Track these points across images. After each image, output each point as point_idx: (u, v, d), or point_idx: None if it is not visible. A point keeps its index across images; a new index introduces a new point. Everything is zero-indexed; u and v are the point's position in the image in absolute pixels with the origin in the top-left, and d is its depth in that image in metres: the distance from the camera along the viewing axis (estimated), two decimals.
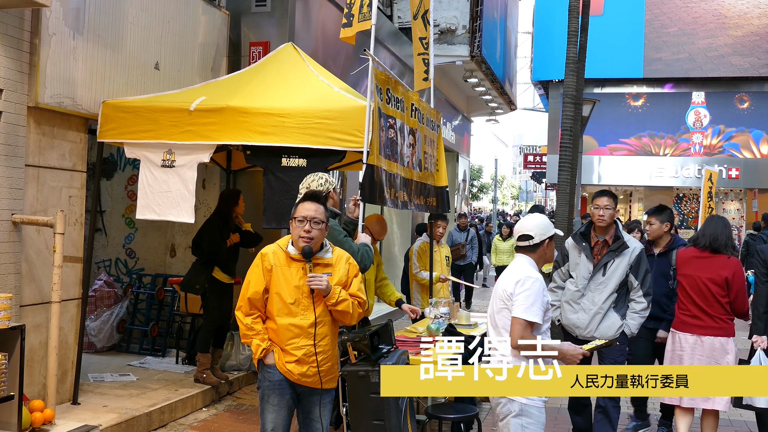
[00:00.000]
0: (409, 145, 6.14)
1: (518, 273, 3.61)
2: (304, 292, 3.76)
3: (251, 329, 3.80)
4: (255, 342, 3.80)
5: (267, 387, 3.86)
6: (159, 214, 5.63)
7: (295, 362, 3.78)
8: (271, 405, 3.85)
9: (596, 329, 5.15)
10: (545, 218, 3.80)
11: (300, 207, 3.81)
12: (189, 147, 5.57)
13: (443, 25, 12.89)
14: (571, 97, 10.64)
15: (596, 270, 5.19)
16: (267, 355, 3.80)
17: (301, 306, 3.76)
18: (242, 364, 7.18)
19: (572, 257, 5.34)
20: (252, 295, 3.78)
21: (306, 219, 3.74)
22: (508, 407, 3.51)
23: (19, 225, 5.24)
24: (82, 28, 5.69)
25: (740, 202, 23.31)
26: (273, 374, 3.82)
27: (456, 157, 17.62)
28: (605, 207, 5.22)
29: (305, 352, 3.77)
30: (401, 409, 4.23)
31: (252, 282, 3.80)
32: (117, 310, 7.81)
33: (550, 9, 22.17)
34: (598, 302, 5.16)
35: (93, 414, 5.49)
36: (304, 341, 3.77)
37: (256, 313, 3.81)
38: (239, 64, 7.81)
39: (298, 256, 3.78)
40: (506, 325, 3.56)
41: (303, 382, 3.84)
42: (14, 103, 5.17)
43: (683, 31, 22.31)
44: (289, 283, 3.77)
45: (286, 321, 3.76)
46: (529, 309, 3.48)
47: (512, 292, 3.55)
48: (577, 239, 5.33)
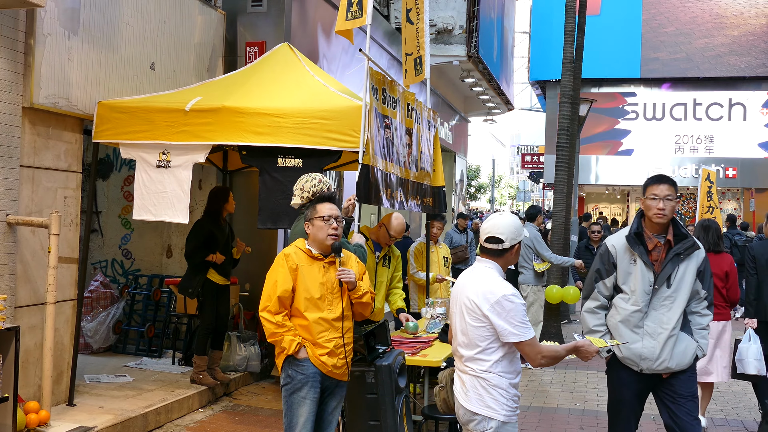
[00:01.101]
0: (406, 144, 6.13)
1: (492, 291, 3.26)
2: (328, 287, 3.93)
3: (282, 326, 3.88)
4: (287, 338, 3.87)
5: (300, 380, 3.90)
6: (155, 215, 5.62)
7: (327, 354, 3.91)
8: (303, 398, 3.91)
9: (670, 358, 4.01)
10: (517, 220, 3.44)
11: (321, 207, 3.97)
12: (185, 147, 5.55)
13: (440, 25, 12.88)
14: (568, 97, 10.65)
15: (659, 281, 4.01)
16: (300, 350, 3.89)
17: (327, 301, 3.93)
18: (238, 365, 7.17)
19: (623, 266, 4.10)
20: (282, 293, 3.87)
21: (332, 217, 3.94)
22: (483, 425, 3.30)
23: (14, 226, 5.23)
24: (77, 29, 5.67)
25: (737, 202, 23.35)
26: (307, 367, 3.90)
27: (453, 157, 17.61)
28: (666, 197, 4.02)
29: (335, 344, 3.93)
30: (397, 410, 4.22)
31: (280, 281, 3.88)
32: (113, 311, 7.79)
33: (547, 9, 22.19)
34: (669, 323, 4.02)
35: (89, 415, 5.48)
36: (333, 334, 3.93)
37: (284, 311, 3.91)
38: (235, 65, 7.80)
39: (318, 255, 3.96)
40: (485, 344, 3.28)
41: (333, 374, 3.96)
42: (9, 104, 5.15)
43: (680, 31, 22.33)
44: (314, 280, 3.91)
45: (315, 315, 3.90)
46: (525, 327, 3.23)
47: (488, 315, 3.23)
48: (631, 241, 4.08)
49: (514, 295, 3.27)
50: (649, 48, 22.30)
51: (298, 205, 4.52)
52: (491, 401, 3.29)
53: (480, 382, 3.31)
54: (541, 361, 3.28)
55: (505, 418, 3.30)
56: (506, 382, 3.31)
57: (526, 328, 3.24)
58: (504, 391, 3.29)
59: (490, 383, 3.29)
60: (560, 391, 7.57)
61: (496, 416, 3.29)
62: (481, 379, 3.30)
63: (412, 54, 6.96)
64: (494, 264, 3.38)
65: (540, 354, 3.27)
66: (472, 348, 3.32)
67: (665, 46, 22.27)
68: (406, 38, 6.94)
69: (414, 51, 6.98)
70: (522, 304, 3.28)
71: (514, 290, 3.32)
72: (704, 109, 22.41)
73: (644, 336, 4.04)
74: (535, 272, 9.02)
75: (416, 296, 7.97)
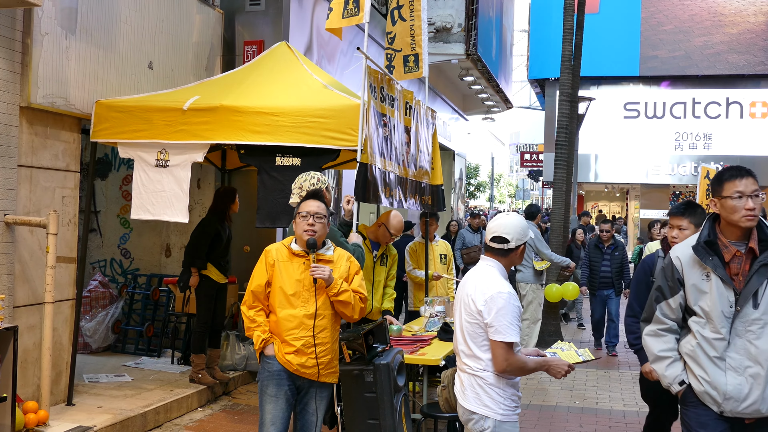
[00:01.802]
0: (404, 143, 6.12)
1: (488, 287, 3.27)
2: (304, 285, 3.89)
3: (254, 321, 3.94)
4: (256, 333, 3.92)
5: (266, 377, 3.93)
6: (153, 214, 5.61)
7: (294, 353, 3.86)
8: (269, 396, 3.92)
9: (762, 400, 3.11)
10: (524, 220, 3.44)
11: (303, 204, 3.99)
12: (183, 146, 5.55)
13: (439, 24, 12.87)
14: (567, 95, 10.64)
15: (742, 300, 3.12)
16: (267, 346, 3.91)
17: (302, 298, 3.88)
18: (237, 364, 7.16)
19: (692, 281, 3.23)
20: (255, 288, 3.93)
21: (309, 214, 3.90)
22: (481, 424, 3.29)
23: (12, 225, 5.22)
24: (74, 28, 5.66)
25: None
26: (272, 365, 3.91)
27: (452, 155, 17.61)
28: (753, 194, 3.11)
29: (304, 343, 3.86)
30: (396, 408, 4.22)
31: (256, 276, 3.96)
32: (112, 311, 7.79)
33: (546, 7, 22.19)
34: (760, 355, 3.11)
35: (88, 415, 5.47)
36: (303, 332, 3.87)
37: (259, 306, 3.95)
38: (233, 63, 7.80)
39: (300, 252, 3.93)
40: (479, 341, 3.29)
41: (302, 374, 3.90)
42: (6, 104, 5.14)
43: (679, 29, 22.33)
44: (291, 276, 3.90)
45: (286, 312, 3.88)
46: (508, 329, 3.19)
47: (482, 310, 3.24)
48: (701, 252, 3.19)
49: (510, 294, 3.24)
50: (648, 46, 22.29)
51: (296, 204, 4.51)
52: (488, 400, 3.28)
53: (477, 380, 3.31)
54: (504, 367, 3.23)
55: (502, 417, 3.28)
56: (503, 381, 3.29)
57: (511, 331, 3.19)
58: (501, 390, 3.28)
59: (487, 382, 3.28)
60: (559, 390, 7.57)
61: (492, 415, 3.27)
62: (478, 377, 3.30)
63: (402, 50, 6.96)
64: (497, 263, 3.38)
65: (507, 361, 3.21)
66: (468, 344, 3.33)
67: (664, 44, 22.27)
68: (396, 34, 6.95)
69: (406, 48, 6.97)
70: (517, 307, 3.25)
71: (512, 290, 3.29)
72: (703, 107, 22.40)
73: (727, 370, 3.15)
74: (534, 270, 9.01)
75: (413, 294, 7.97)
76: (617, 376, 8.30)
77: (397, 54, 6.94)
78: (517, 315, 3.24)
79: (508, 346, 3.20)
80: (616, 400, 7.20)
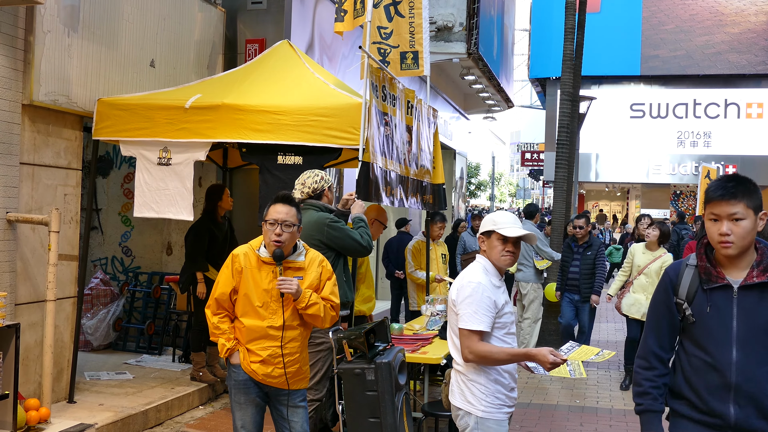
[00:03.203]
0: (406, 142, 6.13)
1: (462, 278, 3.32)
2: (272, 295, 3.73)
3: (218, 328, 3.82)
4: (220, 341, 3.81)
5: (233, 386, 3.87)
6: (157, 212, 5.61)
7: (260, 362, 3.77)
8: (237, 403, 3.88)
9: None
10: (513, 216, 3.41)
11: (271, 209, 3.74)
12: (185, 145, 5.55)
13: (440, 23, 12.87)
14: (568, 95, 10.65)
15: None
16: (232, 355, 3.82)
17: (270, 309, 3.74)
18: None
19: None
20: (219, 296, 3.79)
21: (277, 222, 3.68)
22: (465, 420, 3.28)
23: (14, 223, 5.23)
24: (76, 26, 5.67)
25: None
26: (238, 374, 3.83)
27: (453, 154, 17.60)
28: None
29: (271, 353, 3.76)
30: (397, 407, 4.22)
31: (221, 283, 3.80)
32: (113, 309, 7.79)
33: (547, 6, 22.19)
34: None
35: (89, 412, 5.48)
36: (270, 343, 3.75)
37: (223, 312, 3.82)
38: (235, 62, 7.79)
39: (269, 260, 3.74)
40: (458, 332, 3.29)
41: (268, 383, 3.83)
42: (8, 101, 5.15)
43: (680, 29, 22.32)
44: (258, 286, 3.74)
45: (252, 323, 3.75)
46: (471, 318, 3.16)
47: (455, 299, 3.27)
48: None
49: (480, 284, 3.21)
50: (649, 45, 22.29)
51: (298, 200, 4.51)
52: (470, 396, 3.26)
53: (460, 376, 3.30)
54: (466, 355, 3.19)
55: (484, 413, 3.23)
56: (485, 377, 3.23)
57: (474, 319, 3.15)
58: (482, 386, 3.24)
59: (468, 378, 3.27)
60: (560, 389, 7.58)
61: (474, 411, 3.24)
62: (461, 374, 3.29)
63: (399, 47, 6.95)
64: (485, 259, 3.35)
65: (469, 348, 3.17)
66: (453, 340, 3.32)
67: (665, 43, 22.27)
68: (392, 30, 6.93)
69: (404, 44, 6.96)
70: (487, 297, 3.18)
71: (484, 281, 3.23)
72: (703, 107, 22.40)
73: None
74: (535, 269, 9.01)
75: (415, 294, 7.97)
76: (617, 376, 8.30)
77: (394, 50, 6.93)
78: (486, 305, 3.18)
79: (471, 333, 3.16)
80: (617, 399, 7.21)
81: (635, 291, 7.55)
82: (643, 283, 7.49)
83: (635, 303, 7.51)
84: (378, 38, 6.99)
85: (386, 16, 6.94)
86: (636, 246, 7.78)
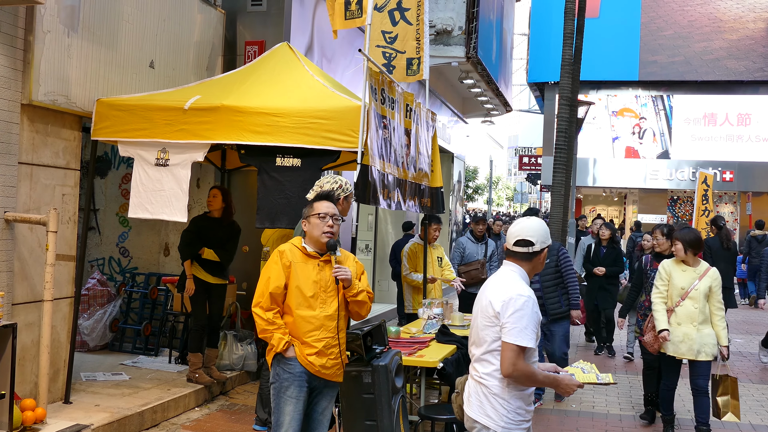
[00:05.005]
0: (404, 145, 6.14)
1: (508, 290, 3.16)
2: (321, 286, 3.91)
3: (273, 323, 3.88)
4: (277, 336, 3.87)
5: (287, 379, 3.91)
6: (152, 213, 5.62)
7: (315, 354, 3.88)
8: (290, 397, 3.91)
9: None
10: (545, 224, 3.34)
11: (317, 205, 3.97)
12: (183, 146, 5.56)
13: (439, 26, 12.88)
14: (566, 99, 10.66)
15: None
16: (289, 348, 3.89)
17: (320, 299, 3.91)
18: (235, 364, 7.16)
19: None
20: (274, 290, 3.87)
21: (327, 215, 3.92)
22: None
23: (12, 223, 5.22)
24: (76, 26, 5.67)
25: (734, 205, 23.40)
26: (294, 366, 3.90)
27: (451, 158, 17.62)
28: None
29: (325, 344, 3.89)
30: (394, 410, 4.23)
31: (273, 278, 3.89)
32: (110, 309, 7.78)
33: (547, 11, 22.24)
34: None
35: (85, 413, 5.47)
36: (324, 333, 3.90)
37: (276, 308, 3.90)
38: (234, 63, 7.80)
39: (314, 253, 3.94)
40: (492, 344, 3.16)
41: (322, 374, 3.93)
42: (8, 101, 5.15)
43: (679, 34, 22.39)
44: (308, 277, 3.90)
45: (306, 313, 3.88)
46: (521, 333, 3.06)
47: (499, 312, 3.12)
48: None
49: (530, 299, 3.12)
50: (647, 51, 22.35)
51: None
52: (491, 410, 3.15)
53: (482, 388, 3.19)
54: (511, 371, 3.07)
55: (504, 430, 3.13)
56: (509, 392, 3.14)
57: (524, 335, 3.06)
58: (505, 402, 3.14)
59: (492, 391, 3.15)
60: (555, 393, 7.58)
61: (493, 426, 3.14)
62: (484, 386, 3.18)
63: (405, 53, 6.98)
64: (519, 268, 3.26)
65: (515, 365, 3.06)
66: (479, 346, 3.22)
67: (663, 49, 22.33)
68: (397, 35, 6.96)
69: (411, 51, 6.99)
70: (536, 313, 3.12)
71: (532, 295, 3.16)
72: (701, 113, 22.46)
73: None
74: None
75: (411, 297, 7.97)
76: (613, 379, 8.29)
77: (400, 55, 6.95)
78: (535, 321, 3.11)
79: (519, 349, 3.06)
80: (613, 403, 7.21)
81: (681, 322, 5.77)
82: (690, 311, 5.74)
83: (685, 339, 5.76)
84: (382, 42, 7.02)
85: (390, 20, 6.96)
86: (668, 263, 5.97)
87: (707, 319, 5.76)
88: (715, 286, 5.75)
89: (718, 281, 5.77)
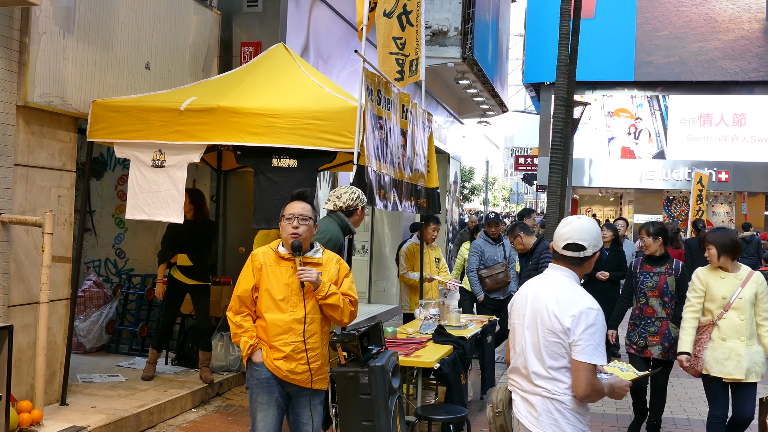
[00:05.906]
0: (400, 146, 6.14)
1: (575, 302, 2.94)
2: (293, 289, 3.82)
3: (240, 327, 3.87)
4: (243, 339, 3.86)
5: (255, 385, 3.88)
6: (148, 214, 5.61)
7: (283, 359, 3.81)
8: (260, 404, 3.87)
9: None
10: (597, 225, 3.11)
11: (287, 207, 3.92)
12: (179, 147, 5.55)
13: (435, 27, 12.90)
14: (562, 100, 10.70)
15: None
16: (254, 353, 3.85)
17: (290, 303, 3.82)
18: (231, 365, 7.16)
19: None
20: (241, 293, 3.86)
21: (294, 216, 3.84)
22: None
23: (8, 224, 5.22)
24: (72, 27, 5.67)
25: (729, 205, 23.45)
26: (261, 372, 3.85)
27: (447, 158, 17.63)
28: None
29: (293, 348, 3.81)
30: (391, 410, 4.23)
31: (242, 281, 3.89)
32: (106, 311, 7.78)
33: (542, 12, 22.27)
34: None
35: (81, 415, 5.47)
36: (292, 337, 3.81)
37: (245, 311, 3.88)
38: (230, 65, 7.80)
39: (287, 255, 3.86)
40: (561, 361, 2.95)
41: (292, 380, 3.85)
42: (3, 102, 5.14)
43: (674, 35, 22.45)
44: (278, 280, 3.83)
45: (275, 317, 3.81)
46: (596, 350, 2.87)
47: (570, 328, 2.89)
48: None
49: (600, 312, 2.94)
50: (642, 51, 22.40)
51: (328, 210, 4.59)
52: (567, 425, 2.97)
53: (555, 404, 2.98)
54: (589, 392, 2.90)
55: None
56: (584, 405, 3.01)
57: (599, 352, 2.89)
58: (580, 415, 2.99)
59: (567, 406, 2.96)
60: None
61: None
62: (557, 401, 2.97)
63: (410, 56, 6.98)
64: (572, 273, 3.06)
65: (593, 386, 2.89)
66: (548, 366, 2.98)
67: (659, 49, 22.38)
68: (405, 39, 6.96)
69: (413, 53, 7.00)
70: (604, 325, 2.95)
71: (598, 306, 2.97)
72: (696, 113, 22.51)
73: None
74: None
75: (407, 297, 7.97)
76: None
77: (406, 59, 6.96)
78: (604, 335, 2.94)
79: (593, 368, 2.89)
80: (609, 403, 7.23)
81: (726, 337, 4.94)
82: (736, 323, 4.92)
83: (731, 355, 4.92)
84: (394, 48, 6.99)
85: (399, 26, 6.95)
86: (702, 272, 5.16)
87: (755, 333, 4.91)
88: (761, 293, 4.90)
89: (764, 286, 4.92)
